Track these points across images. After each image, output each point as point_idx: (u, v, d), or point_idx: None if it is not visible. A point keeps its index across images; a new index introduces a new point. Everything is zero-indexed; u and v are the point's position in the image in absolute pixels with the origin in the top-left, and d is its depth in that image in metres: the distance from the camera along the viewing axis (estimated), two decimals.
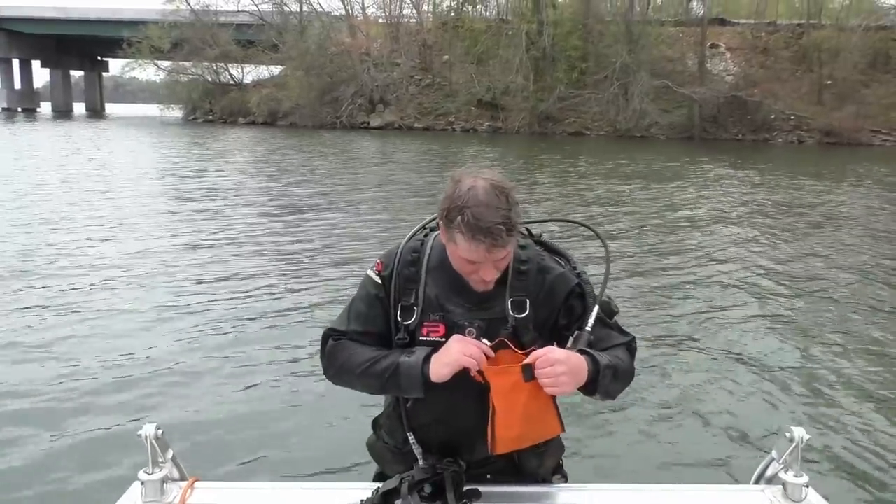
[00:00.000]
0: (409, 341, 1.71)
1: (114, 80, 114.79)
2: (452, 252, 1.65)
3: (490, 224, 1.52)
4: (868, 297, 7.68)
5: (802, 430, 1.72)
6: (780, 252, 10.04)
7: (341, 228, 10.89)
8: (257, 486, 1.85)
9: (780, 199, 15.78)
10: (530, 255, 1.74)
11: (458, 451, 1.74)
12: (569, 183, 17.89)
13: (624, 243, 10.24)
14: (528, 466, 1.82)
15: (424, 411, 1.75)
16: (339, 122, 44.86)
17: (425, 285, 1.72)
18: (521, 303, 1.69)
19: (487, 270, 1.62)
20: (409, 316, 1.71)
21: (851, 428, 4.44)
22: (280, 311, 6.58)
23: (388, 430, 1.86)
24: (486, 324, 1.68)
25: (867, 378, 5.30)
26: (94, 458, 3.84)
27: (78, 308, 6.46)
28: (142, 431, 1.67)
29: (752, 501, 1.77)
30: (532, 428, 1.66)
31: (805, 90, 42.05)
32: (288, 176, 18.60)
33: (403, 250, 1.76)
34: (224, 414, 4.44)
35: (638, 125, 40.51)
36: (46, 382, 4.82)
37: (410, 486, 1.62)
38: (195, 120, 52.12)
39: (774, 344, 6.05)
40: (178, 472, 1.77)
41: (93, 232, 10.03)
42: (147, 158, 23.19)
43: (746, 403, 4.77)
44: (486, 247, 1.55)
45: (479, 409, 1.65)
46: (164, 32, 50.53)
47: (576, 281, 1.74)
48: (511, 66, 43.06)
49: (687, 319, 6.70)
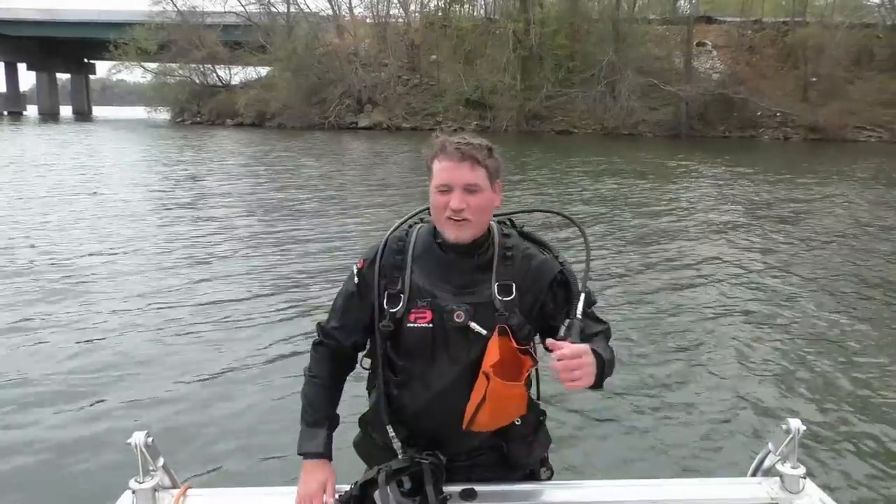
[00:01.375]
0: (393, 329, 1.73)
1: (102, 83, 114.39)
2: (433, 197, 1.72)
3: (461, 142, 1.69)
4: (861, 288, 7.74)
5: (799, 421, 1.71)
6: (771, 246, 10.08)
7: (335, 230, 10.82)
8: (250, 492, 1.82)
9: (765, 195, 15.88)
10: (515, 242, 1.79)
11: (445, 444, 1.76)
12: (555, 181, 17.96)
13: (609, 239, 10.27)
14: (517, 457, 1.83)
15: (409, 403, 1.77)
16: (327, 123, 44.82)
17: (411, 272, 1.75)
18: (507, 287, 1.73)
19: (456, 197, 1.66)
20: (395, 303, 1.73)
21: (848, 418, 4.43)
22: (271, 315, 6.52)
23: (374, 425, 1.86)
24: (473, 308, 1.70)
25: (863, 368, 5.30)
26: (83, 468, 3.78)
27: (65, 315, 6.36)
28: (131, 440, 1.65)
29: (750, 494, 1.77)
30: (508, 416, 1.76)
31: (791, 87, 42.37)
32: (277, 177, 18.59)
33: (389, 240, 1.80)
34: (215, 420, 4.39)
35: (625, 123, 40.71)
36: (34, 392, 4.75)
37: (388, 476, 1.62)
38: (183, 122, 51.87)
39: (767, 336, 6.04)
40: (169, 480, 1.75)
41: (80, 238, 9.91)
42: (134, 161, 23.04)
43: (742, 396, 4.75)
44: (455, 159, 1.66)
45: (462, 401, 1.68)
46: (151, 34, 50.26)
47: (559, 268, 1.78)
48: (498, 65, 43.21)
49: (679, 312, 6.70)
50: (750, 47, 46.03)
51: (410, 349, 1.74)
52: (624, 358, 5.24)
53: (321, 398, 1.85)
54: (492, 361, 1.63)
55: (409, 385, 1.76)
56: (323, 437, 1.79)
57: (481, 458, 1.82)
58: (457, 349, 1.71)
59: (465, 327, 1.69)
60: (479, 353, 1.69)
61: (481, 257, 1.76)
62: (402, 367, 1.76)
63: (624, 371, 4.97)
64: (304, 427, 1.83)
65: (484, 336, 1.68)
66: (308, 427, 1.82)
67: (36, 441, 4.08)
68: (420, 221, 1.88)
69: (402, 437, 1.78)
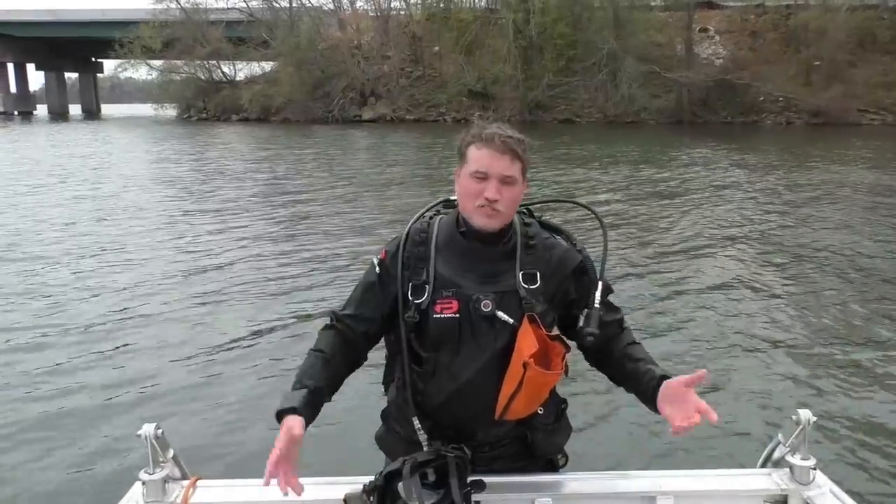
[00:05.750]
0: (419, 320, 1.72)
1: (110, 81, 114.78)
2: (464, 182, 1.72)
3: (498, 132, 1.70)
4: (872, 276, 7.65)
5: (809, 412, 1.71)
6: (780, 233, 9.99)
7: (345, 223, 10.85)
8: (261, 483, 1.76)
9: (770, 180, 15.86)
10: (536, 231, 1.81)
11: (469, 435, 1.77)
12: (560, 170, 17.97)
13: (615, 228, 10.26)
14: (540, 446, 1.85)
15: (435, 394, 1.76)
16: (332, 117, 45.13)
17: (435, 263, 1.75)
18: (531, 275, 1.74)
19: (492, 187, 1.67)
20: (420, 294, 1.73)
21: (859, 409, 4.39)
22: (281, 306, 6.61)
23: (397, 418, 1.86)
24: (499, 296, 1.71)
25: (873, 359, 5.26)
26: (94, 459, 3.83)
27: (74, 308, 6.51)
28: (141, 431, 1.66)
29: (760, 485, 1.77)
30: (540, 402, 1.79)
31: (793, 72, 42.06)
32: (285, 170, 18.82)
33: (411, 231, 1.80)
34: (225, 411, 4.41)
35: (627, 111, 40.67)
36: (43, 382, 4.84)
37: (413, 468, 1.61)
38: (189, 118, 52.35)
39: (778, 326, 6.02)
40: (179, 472, 1.76)
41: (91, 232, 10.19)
42: (140, 157, 23.36)
43: (752, 387, 4.71)
44: (495, 149, 1.67)
45: (490, 390, 1.70)
46: (155, 32, 50.74)
47: (580, 257, 1.81)
48: (499, 55, 43.25)
49: (685, 302, 6.72)
50: (752, 32, 45.74)
51: (436, 340, 1.73)
52: None
53: (318, 367, 1.71)
54: (531, 351, 1.63)
55: (435, 376, 1.75)
56: (301, 395, 1.61)
57: (505, 448, 1.83)
58: (484, 338, 1.71)
59: (491, 316, 1.69)
60: (506, 341, 1.69)
61: (505, 246, 1.76)
62: (427, 358, 1.75)
63: None
64: (287, 392, 1.66)
65: (511, 325, 1.69)
66: (291, 391, 1.65)
67: (45, 433, 4.13)
68: (439, 213, 1.88)
69: (427, 429, 1.77)
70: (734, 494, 1.78)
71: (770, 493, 1.76)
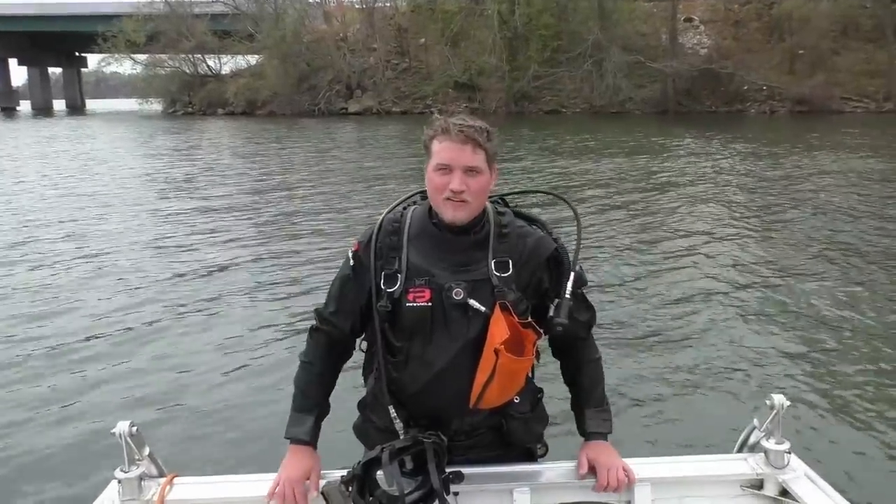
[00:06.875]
0: (391, 309, 1.73)
1: (95, 76, 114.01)
2: (430, 176, 1.72)
3: (458, 123, 1.69)
4: (843, 264, 7.75)
5: (783, 396, 1.73)
6: (756, 223, 10.13)
7: (327, 216, 10.91)
8: (238, 479, 1.81)
9: (752, 167, 16.02)
10: (510, 220, 1.81)
11: (445, 424, 1.79)
12: (544, 160, 18.10)
13: (597, 217, 10.34)
14: (516, 435, 1.86)
15: (410, 383, 1.77)
16: (318, 110, 45.07)
17: (408, 252, 1.75)
18: (504, 263, 1.74)
19: (457, 179, 1.67)
20: (393, 283, 1.73)
21: (833, 393, 4.48)
22: (258, 301, 6.63)
23: (374, 408, 1.86)
24: (471, 285, 1.71)
25: (847, 345, 5.34)
26: (69, 459, 3.81)
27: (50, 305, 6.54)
28: (116, 429, 1.65)
29: (736, 470, 1.80)
30: (515, 390, 1.79)
31: (777, 60, 42.38)
32: (269, 164, 18.85)
33: (384, 221, 1.80)
34: (202, 408, 4.41)
35: (612, 101, 40.90)
36: (19, 382, 4.82)
37: (391, 455, 1.61)
38: (174, 112, 51.99)
39: (752, 312, 6.11)
40: (155, 469, 1.76)
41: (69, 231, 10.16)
42: (126, 153, 23.28)
43: (727, 374, 4.79)
44: (456, 140, 1.67)
45: (463, 379, 1.71)
46: (139, 25, 50.37)
47: (555, 245, 1.81)
48: (485, 46, 43.24)
49: (666, 290, 6.80)
50: (736, 21, 45.99)
51: (409, 329, 1.73)
52: (611, 339, 5.40)
53: (313, 385, 1.85)
54: (502, 338, 1.64)
55: (409, 365, 1.76)
56: (310, 424, 1.80)
57: (481, 436, 1.85)
58: (456, 327, 1.71)
59: (463, 304, 1.69)
60: (478, 330, 1.69)
61: (477, 235, 1.76)
62: (401, 347, 1.76)
63: (612, 351, 5.10)
64: (293, 412, 1.83)
65: (483, 313, 1.69)
66: (297, 413, 1.82)
67: (20, 434, 4.12)
68: (414, 203, 1.88)
69: (402, 418, 1.78)
70: (711, 480, 1.82)
71: (746, 478, 1.80)
